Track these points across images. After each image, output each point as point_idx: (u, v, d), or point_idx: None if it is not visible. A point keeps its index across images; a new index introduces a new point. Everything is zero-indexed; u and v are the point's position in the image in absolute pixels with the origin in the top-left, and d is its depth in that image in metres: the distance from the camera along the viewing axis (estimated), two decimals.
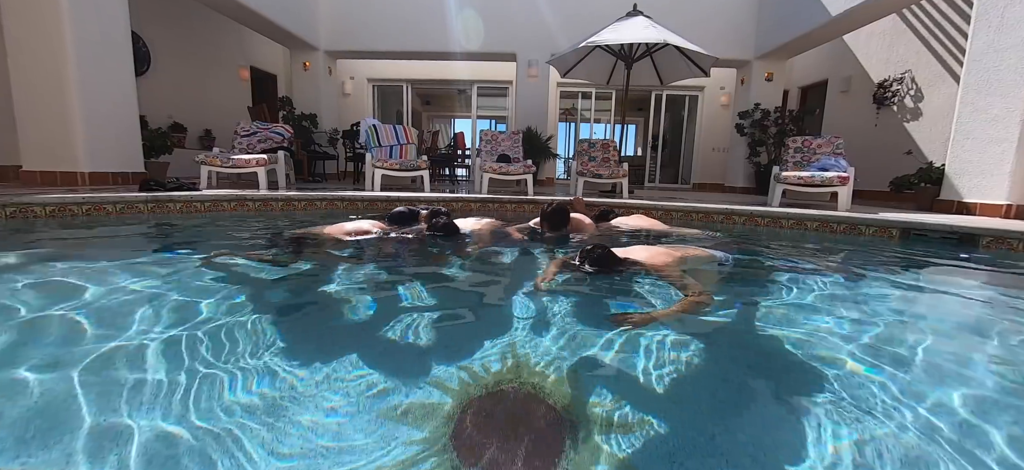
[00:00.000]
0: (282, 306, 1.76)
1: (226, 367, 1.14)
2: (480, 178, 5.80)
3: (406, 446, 0.86)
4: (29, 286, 1.77)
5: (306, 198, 4.40)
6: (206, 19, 7.93)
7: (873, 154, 7.55)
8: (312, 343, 1.40)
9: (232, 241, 2.99)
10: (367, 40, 8.59)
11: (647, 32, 5.66)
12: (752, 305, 1.88)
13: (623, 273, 2.03)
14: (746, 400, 1.14)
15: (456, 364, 1.20)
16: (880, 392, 1.13)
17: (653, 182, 11.51)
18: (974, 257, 3.12)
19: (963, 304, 2.15)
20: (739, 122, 8.61)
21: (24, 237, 2.71)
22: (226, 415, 0.94)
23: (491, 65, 9.83)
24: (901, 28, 7.25)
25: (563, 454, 0.86)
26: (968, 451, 0.91)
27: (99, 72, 4.63)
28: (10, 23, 4.36)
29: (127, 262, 2.20)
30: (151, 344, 1.25)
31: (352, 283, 2.02)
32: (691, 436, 0.95)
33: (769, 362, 1.40)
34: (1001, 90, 4.55)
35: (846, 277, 2.44)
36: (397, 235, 2.87)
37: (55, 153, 4.51)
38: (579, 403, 1.04)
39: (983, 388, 1.21)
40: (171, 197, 3.71)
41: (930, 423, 1.01)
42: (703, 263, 2.32)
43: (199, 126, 7.97)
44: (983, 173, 4.71)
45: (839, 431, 0.95)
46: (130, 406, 0.96)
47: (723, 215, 4.31)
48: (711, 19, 8.25)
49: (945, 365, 1.35)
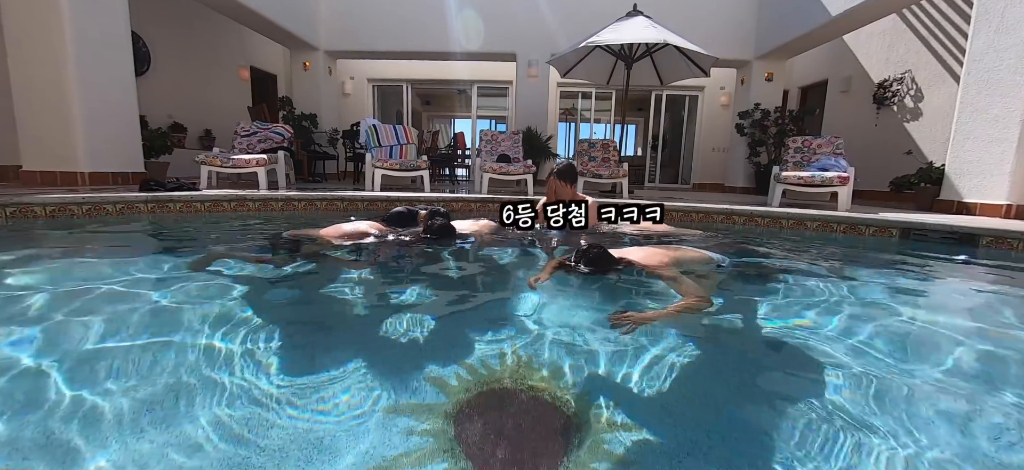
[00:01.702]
0: (280, 307, 1.76)
1: (224, 367, 1.14)
2: (480, 178, 5.79)
3: (402, 446, 0.86)
4: (28, 285, 1.77)
5: (306, 198, 4.40)
6: (206, 19, 7.93)
7: (873, 154, 7.55)
8: (310, 344, 1.40)
9: (231, 241, 2.99)
10: (367, 40, 8.59)
11: (647, 32, 5.66)
12: (750, 306, 1.88)
13: (619, 273, 2.03)
14: (745, 401, 1.15)
15: (454, 364, 1.20)
16: (878, 393, 1.13)
17: (653, 182, 11.51)
18: (974, 257, 3.12)
19: (962, 305, 2.15)
20: (739, 122, 8.61)
21: (24, 237, 2.71)
22: (224, 415, 0.94)
23: (491, 65, 9.83)
24: (901, 28, 7.24)
25: (564, 454, 0.86)
26: (967, 451, 0.91)
27: (99, 72, 4.63)
28: (10, 23, 4.36)
29: (126, 262, 2.20)
30: (149, 344, 1.25)
31: (349, 284, 2.02)
32: (691, 436, 0.95)
33: (767, 363, 1.40)
34: (1001, 90, 4.54)
35: (845, 278, 2.44)
36: (395, 236, 2.87)
37: (55, 153, 4.51)
38: (579, 403, 1.04)
39: (983, 388, 1.21)
40: (171, 197, 3.71)
41: (929, 423, 1.01)
42: (700, 264, 2.32)
43: (199, 126, 7.97)
44: (983, 173, 4.71)
45: (837, 432, 0.95)
46: (127, 406, 0.96)
47: (723, 215, 4.31)
48: (711, 19, 8.24)
49: (944, 366, 1.35)
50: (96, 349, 1.22)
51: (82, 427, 0.88)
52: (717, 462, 0.86)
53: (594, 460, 0.84)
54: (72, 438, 0.85)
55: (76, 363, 1.14)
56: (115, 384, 1.05)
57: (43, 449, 0.82)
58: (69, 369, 1.10)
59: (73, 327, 1.36)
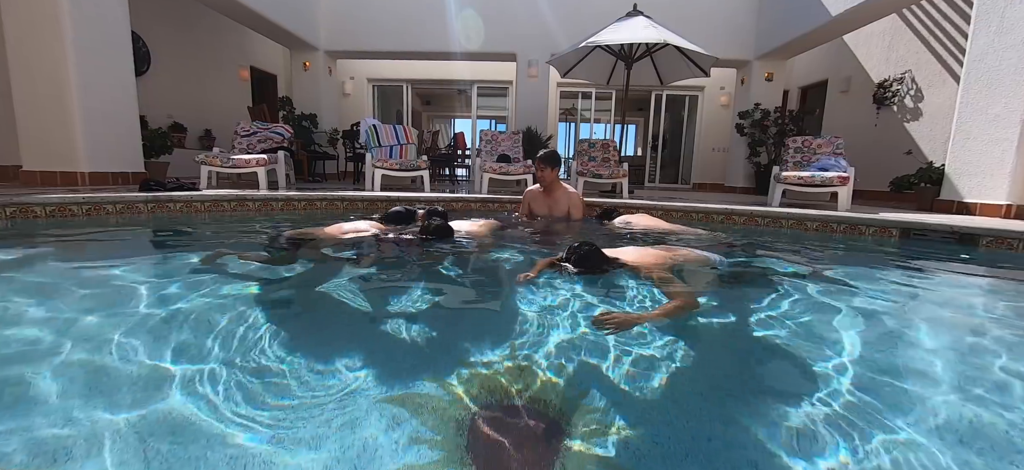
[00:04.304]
0: (279, 307, 1.76)
1: (222, 368, 1.14)
2: (480, 178, 5.79)
3: (401, 445, 0.86)
4: (27, 285, 1.77)
5: (306, 198, 4.40)
6: (206, 19, 7.93)
7: (873, 154, 7.55)
8: (308, 343, 1.40)
9: (231, 241, 2.99)
10: (367, 40, 8.59)
11: (647, 32, 5.66)
12: (747, 307, 1.88)
13: (608, 272, 2.02)
14: (743, 401, 1.14)
15: (450, 364, 1.20)
16: (876, 393, 1.13)
17: (653, 182, 11.51)
18: (974, 257, 3.12)
19: (961, 305, 2.15)
20: (739, 122, 8.61)
21: (24, 237, 2.71)
22: (222, 416, 0.94)
23: (491, 65, 9.83)
24: (901, 28, 7.24)
25: (556, 457, 0.86)
26: (967, 451, 0.91)
27: (99, 72, 4.63)
28: (10, 23, 4.36)
29: (125, 262, 2.20)
30: (147, 345, 1.25)
31: (348, 284, 2.02)
32: (691, 436, 0.95)
33: (764, 364, 1.40)
34: (1001, 90, 4.54)
35: (843, 278, 2.44)
36: (394, 235, 2.87)
37: (55, 153, 4.51)
38: (569, 405, 1.03)
39: (982, 389, 1.21)
40: (171, 197, 3.71)
41: (928, 424, 1.01)
42: (696, 264, 2.31)
43: (199, 126, 7.97)
44: (983, 173, 4.71)
45: (834, 434, 0.95)
46: (125, 406, 0.96)
47: (723, 215, 4.31)
48: (711, 19, 8.24)
49: (942, 366, 1.35)
50: (96, 349, 1.22)
51: (82, 427, 0.88)
52: (717, 462, 0.86)
53: (587, 463, 0.84)
54: (72, 438, 0.85)
55: (77, 363, 1.14)
56: (112, 384, 1.05)
57: (43, 449, 0.82)
58: (69, 369, 1.10)
59: (73, 327, 1.36)
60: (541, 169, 3.72)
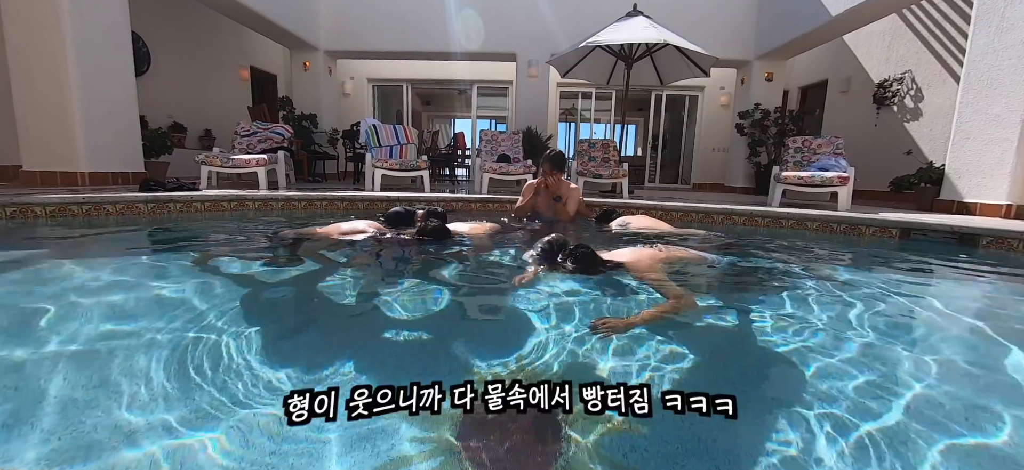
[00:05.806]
0: (278, 307, 1.76)
1: (221, 368, 1.14)
2: (480, 178, 5.79)
3: (399, 445, 0.86)
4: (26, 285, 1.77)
5: (306, 198, 4.40)
6: (206, 19, 7.93)
7: (873, 154, 7.54)
8: (307, 343, 1.40)
9: (230, 241, 2.99)
10: (367, 40, 8.59)
11: (647, 32, 5.66)
12: (746, 306, 1.88)
13: (604, 273, 2.02)
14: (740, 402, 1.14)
15: (448, 364, 1.20)
16: (876, 393, 1.13)
17: (653, 182, 11.50)
18: (974, 257, 3.12)
19: (962, 305, 2.15)
20: (739, 122, 8.61)
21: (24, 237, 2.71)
22: (220, 416, 0.94)
23: (491, 65, 9.83)
24: (901, 28, 7.24)
25: (556, 457, 0.86)
26: (966, 451, 0.91)
27: (99, 72, 4.63)
28: (10, 24, 4.36)
29: (125, 262, 2.20)
30: (147, 345, 1.25)
31: (347, 284, 2.02)
32: (690, 436, 0.94)
33: (763, 363, 1.40)
34: (1001, 90, 4.54)
35: (842, 278, 2.44)
36: (393, 236, 2.87)
37: (55, 153, 4.51)
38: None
39: (981, 388, 1.21)
40: (171, 197, 3.71)
41: (927, 424, 1.01)
42: (693, 265, 2.31)
43: (199, 126, 7.97)
44: (983, 173, 4.71)
45: (834, 434, 0.95)
46: (124, 405, 0.96)
47: (723, 215, 4.31)
48: (711, 19, 8.24)
49: (941, 367, 1.35)
50: (95, 348, 1.22)
51: (81, 426, 0.88)
52: (719, 461, 0.86)
53: (590, 461, 0.84)
54: (70, 437, 0.85)
55: (76, 363, 1.14)
56: (112, 383, 1.05)
57: (41, 449, 0.82)
58: (68, 369, 1.10)
59: (72, 326, 1.36)
60: (548, 172, 3.59)
